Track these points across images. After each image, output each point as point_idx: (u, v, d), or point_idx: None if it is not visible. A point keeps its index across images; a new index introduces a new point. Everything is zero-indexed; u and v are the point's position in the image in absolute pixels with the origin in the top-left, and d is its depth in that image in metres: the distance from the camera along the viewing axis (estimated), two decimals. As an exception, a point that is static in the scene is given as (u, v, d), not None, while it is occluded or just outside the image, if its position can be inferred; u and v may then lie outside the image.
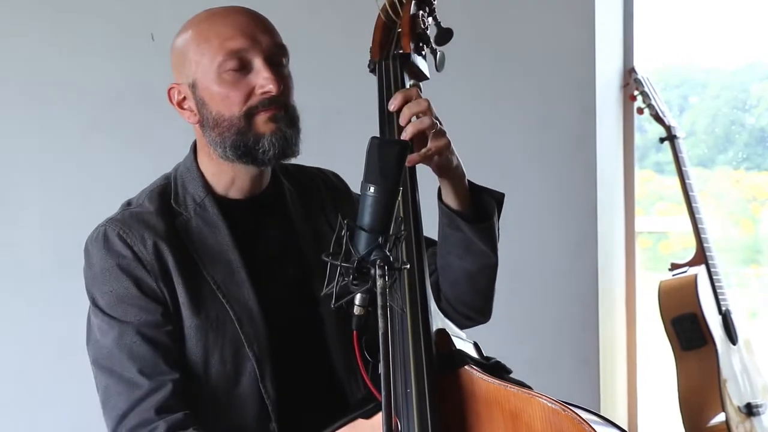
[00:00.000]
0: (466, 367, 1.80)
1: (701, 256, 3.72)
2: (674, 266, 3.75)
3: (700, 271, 3.70)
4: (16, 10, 3.50)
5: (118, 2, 3.52)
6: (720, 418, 3.63)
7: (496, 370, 1.82)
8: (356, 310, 1.61)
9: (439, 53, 2.01)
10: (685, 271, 3.72)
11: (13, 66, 3.51)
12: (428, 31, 2.03)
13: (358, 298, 1.61)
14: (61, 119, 3.51)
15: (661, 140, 3.77)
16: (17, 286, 3.50)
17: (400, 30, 2.00)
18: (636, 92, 3.77)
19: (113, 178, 3.47)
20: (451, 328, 1.89)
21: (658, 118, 3.76)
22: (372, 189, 1.62)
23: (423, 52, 2.03)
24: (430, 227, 2.01)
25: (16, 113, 3.51)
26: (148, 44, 3.51)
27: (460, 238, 1.99)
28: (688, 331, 3.65)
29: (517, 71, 3.56)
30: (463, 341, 1.87)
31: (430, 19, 2.03)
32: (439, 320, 1.87)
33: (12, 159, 3.51)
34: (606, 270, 3.68)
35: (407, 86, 1.97)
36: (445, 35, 2.01)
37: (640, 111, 3.78)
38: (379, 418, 1.64)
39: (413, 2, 2.00)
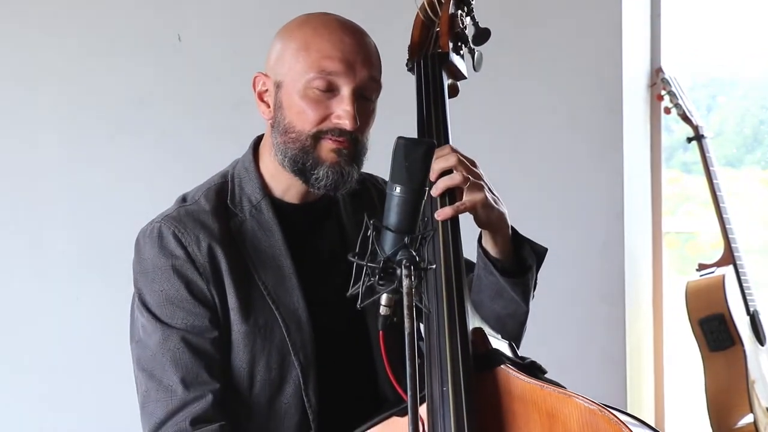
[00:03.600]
0: (502, 366, 1.79)
1: (729, 257, 3.70)
2: (702, 267, 3.73)
3: (728, 271, 3.68)
4: (42, 13, 3.52)
5: (145, 3, 3.53)
6: (748, 419, 3.61)
7: (532, 369, 1.81)
8: (382, 311, 1.60)
9: (476, 53, 2.03)
10: (713, 272, 3.70)
11: (40, 68, 3.52)
12: (466, 31, 2.04)
13: (384, 298, 1.60)
14: (89, 120, 3.52)
15: (689, 140, 3.75)
16: (46, 286, 3.51)
17: (438, 29, 2.01)
18: (663, 92, 3.75)
19: (140, 179, 3.49)
20: (487, 327, 1.88)
21: (685, 118, 3.74)
22: (398, 189, 1.63)
23: (461, 52, 2.04)
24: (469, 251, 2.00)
25: (44, 115, 3.53)
26: (176, 45, 3.52)
27: (493, 283, 1.99)
28: (716, 331, 3.63)
29: (544, 72, 3.55)
30: (498, 340, 1.87)
31: (468, 18, 2.04)
32: (476, 320, 1.86)
33: (40, 160, 3.53)
34: (633, 270, 3.67)
35: (445, 85, 1.98)
36: (483, 35, 2.02)
37: (668, 111, 3.76)
38: (415, 417, 1.64)
39: (452, 1, 2.01)
